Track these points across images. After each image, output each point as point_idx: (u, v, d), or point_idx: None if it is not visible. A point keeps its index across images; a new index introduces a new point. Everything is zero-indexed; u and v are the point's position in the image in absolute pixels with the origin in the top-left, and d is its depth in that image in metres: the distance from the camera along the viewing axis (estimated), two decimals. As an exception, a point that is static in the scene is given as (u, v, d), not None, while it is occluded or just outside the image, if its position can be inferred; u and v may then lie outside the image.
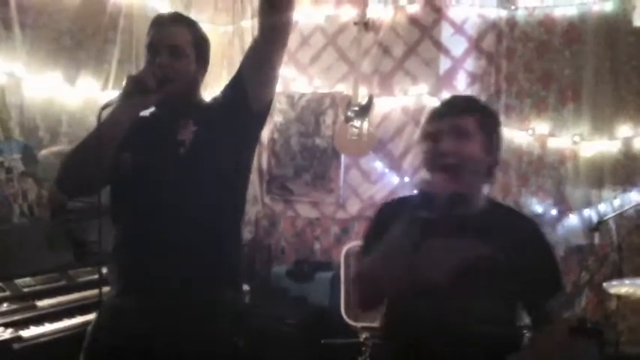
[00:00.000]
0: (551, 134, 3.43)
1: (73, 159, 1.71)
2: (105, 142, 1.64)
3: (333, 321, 3.58)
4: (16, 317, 2.33)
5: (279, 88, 4.21)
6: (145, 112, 1.84)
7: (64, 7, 3.21)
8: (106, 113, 1.67)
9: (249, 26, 4.28)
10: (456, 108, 1.71)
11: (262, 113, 1.85)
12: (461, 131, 1.63)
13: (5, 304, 2.38)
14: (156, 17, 1.87)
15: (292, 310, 3.65)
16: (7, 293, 2.43)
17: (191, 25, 1.87)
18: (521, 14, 3.53)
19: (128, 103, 1.70)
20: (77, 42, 3.28)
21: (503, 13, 3.57)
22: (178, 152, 1.77)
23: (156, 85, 1.71)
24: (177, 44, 1.79)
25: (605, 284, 2.68)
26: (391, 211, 1.72)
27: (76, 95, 3.25)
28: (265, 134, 4.33)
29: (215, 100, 1.89)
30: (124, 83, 1.73)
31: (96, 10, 3.38)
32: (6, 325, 2.26)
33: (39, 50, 3.07)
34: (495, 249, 1.59)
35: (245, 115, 1.79)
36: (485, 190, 1.79)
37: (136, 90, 1.70)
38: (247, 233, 4.28)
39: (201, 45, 1.86)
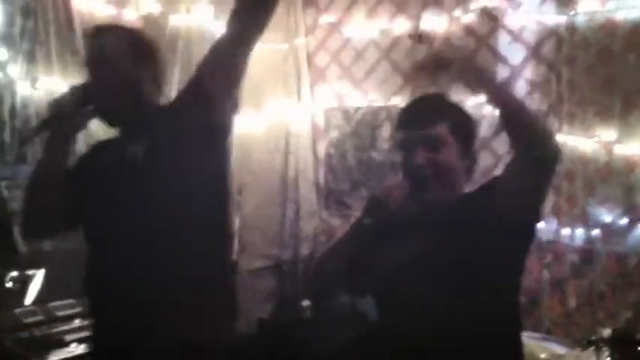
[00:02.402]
0: (618, 141, 3.30)
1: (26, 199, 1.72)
2: (48, 179, 1.66)
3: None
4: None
5: (333, 103, 4.30)
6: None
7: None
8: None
9: (303, 43, 4.34)
10: (426, 115, 1.64)
11: (224, 125, 1.69)
12: (433, 141, 1.58)
13: (77, 320, 2.46)
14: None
15: (350, 326, 3.61)
16: (78, 309, 2.51)
17: (122, 32, 1.78)
18: (581, 19, 3.42)
19: (54, 132, 1.65)
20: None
21: (562, 19, 3.47)
22: (129, 168, 1.65)
23: (76, 104, 1.63)
24: (103, 54, 1.68)
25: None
26: None
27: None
28: (321, 150, 4.36)
29: (172, 106, 1.75)
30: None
31: (154, 33, 3.49)
32: (79, 341, 2.35)
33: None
34: (456, 234, 1.52)
35: (205, 128, 1.62)
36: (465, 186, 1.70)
37: (55, 115, 1.64)
38: (305, 249, 4.30)
39: (139, 48, 1.73)
